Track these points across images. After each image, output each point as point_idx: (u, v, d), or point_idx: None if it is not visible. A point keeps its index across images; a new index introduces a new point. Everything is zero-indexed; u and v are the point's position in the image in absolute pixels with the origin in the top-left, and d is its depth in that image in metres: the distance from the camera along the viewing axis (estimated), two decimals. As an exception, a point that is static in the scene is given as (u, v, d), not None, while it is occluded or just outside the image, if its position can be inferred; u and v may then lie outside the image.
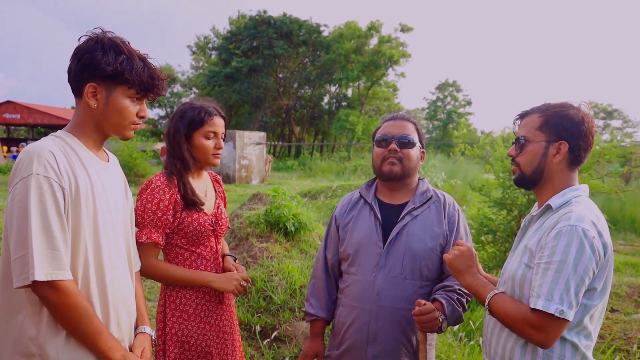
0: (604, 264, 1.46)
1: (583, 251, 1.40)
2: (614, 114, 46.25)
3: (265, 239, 4.99)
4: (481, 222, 5.04)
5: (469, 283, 1.66)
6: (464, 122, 44.49)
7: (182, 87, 46.16)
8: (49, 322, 1.36)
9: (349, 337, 1.98)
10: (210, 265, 2.06)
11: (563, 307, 1.37)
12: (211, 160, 2.04)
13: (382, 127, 2.08)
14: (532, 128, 1.62)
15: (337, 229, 2.14)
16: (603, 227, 1.49)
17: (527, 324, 1.42)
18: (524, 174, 1.66)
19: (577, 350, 1.49)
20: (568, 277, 1.39)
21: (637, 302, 4.82)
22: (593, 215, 1.49)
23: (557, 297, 1.38)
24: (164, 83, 1.55)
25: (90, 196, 1.44)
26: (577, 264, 1.39)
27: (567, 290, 1.38)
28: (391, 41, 33.41)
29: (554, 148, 1.58)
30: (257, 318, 3.82)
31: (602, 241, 1.45)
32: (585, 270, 1.40)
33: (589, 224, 1.44)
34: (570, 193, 1.58)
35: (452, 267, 1.71)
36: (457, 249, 1.72)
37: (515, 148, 1.68)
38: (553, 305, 1.37)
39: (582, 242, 1.40)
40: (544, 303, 1.39)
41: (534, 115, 1.63)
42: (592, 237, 1.41)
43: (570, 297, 1.38)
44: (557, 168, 1.60)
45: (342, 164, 25.03)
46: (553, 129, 1.58)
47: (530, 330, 1.42)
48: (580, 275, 1.39)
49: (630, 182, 11.75)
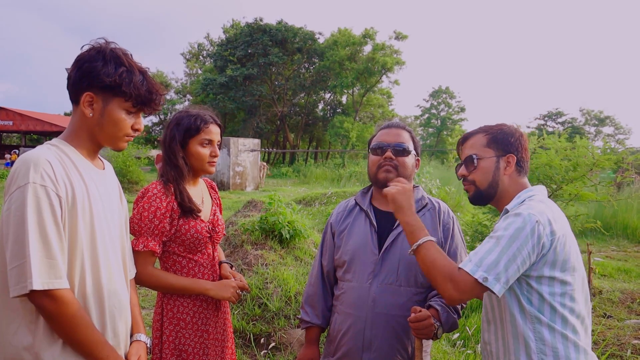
0: (550, 251, 1.50)
1: (522, 231, 1.47)
2: (605, 120, 46.61)
3: (260, 246, 4.98)
4: (476, 228, 5.06)
5: (408, 220, 1.68)
6: (457, 128, 44.70)
7: (176, 94, 46.15)
8: (45, 331, 1.36)
9: (345, 344, 1.98)
10: (207, 272, 2.06)
11: (488, 276, 1.44)
12: (207, 168, 2.04)
13: (377, 135, 2.09)
14: (481, 146, 1.73)
15: (333, 236, 2.15)
16: (556, 218, 1.55)
17: (449, 278, 1.50)
18: (480, 190, 1.73)
19: (567, 339, 1.52)
20: (501, 250, 1.47)
21: (630, 308, 4.84)
22: (545, 207, 1.56)
23: (485, 265, 1.46)
24: (161, 98, 1.56)
25: (86, 204, 1.44)
26: (513, 242, 1.47)
27: (496, 262, 1.46)
28: (385, 49, 33.60)
29: (503, 161, 1.70)
30: (252, 325, 3.81)
31: (551, 229, 1.50)
32: (519, 249, 1.46)
33: (537, 211, 1.51)
34: (524, 194, 1.67)
35: (394, 201, 1.72)
36: (400, 185, 1.76)
37: (466, 167, 1.76)
38: (480, 272, 1.46)
39: (523, 222, 1.48)
40: (472, 267, 1.47)
41: (479, 135, 1.76)
42: (535, 220, 1.48)
43: (499, 269, 1.45)
44: (509, 179, 1.70)
45: (337, 171, 25.08)
46: (500, 144, 1.71)
47: (449, 285, 1.49)
48: (513, 252, 1.46)
49: (622, 189, 11.84)
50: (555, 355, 1.52)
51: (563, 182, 4.45)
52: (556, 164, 4.51)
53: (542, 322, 1.53)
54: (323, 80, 36.49)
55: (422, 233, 1.64)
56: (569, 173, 4.36)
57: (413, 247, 1.62)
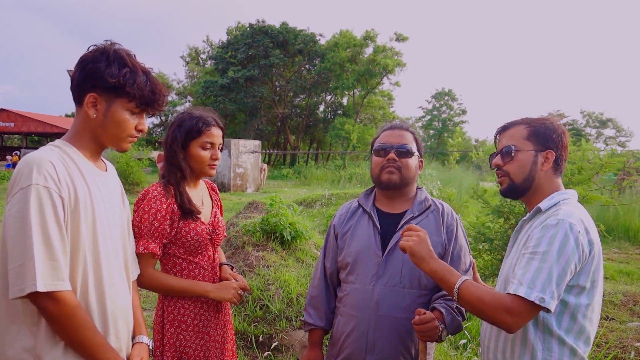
0: (589, 260, 1.48)
1: (567, 243, 1.43)
2: (607, 123, 46.57)
3: (261, 247, 4.97)
4: (478, 230, 5.05)
5: (434, 268, 1.60)
6: (459, 130, 44.71)
7: (177, 96, 46.22)
8: (46, 333, 1.35)
9: (348, 346, 1.97)
10: (208, 274, 2.05)
11: (544, 296, 1.39)
12: (207, 170, 2.04)
13: (380, 136, 2.09)
14: (520, 138, 1.68)
15: (336, 237, 2.14)
16: (590, 226, 1.53)
17: (502, 308, 1.42)
18: (514, 183, 1.69)
19: (575, 355, 1.51)
20: (551, 267, 1.41)
21: (632, 310, 4.83)
22: (581, 214, 1.53)
23: (539, 285, 1.40)
24: (165, 99, 1.56)
25: (89, 206, 1.43)
26: (560, 255, 1.42)
27: (549, 280, 1.40)
28: (386, 50, 33.61)
29: (542, 157, 1.65)
30: (253, 327, 3.80)
31: (589, 238, 1.48)
32: (568, 262, 1.42)
33: (576, 219, 1.47)
34: (558, 196, 1.63)
35: (414, 255, 1.63)
36: (415, 234, 1.67)
37: (501, 157, 1.72)
38: (535, 293, 1.39)
39: (567, 235, 1.44)
40: (525, 290, 1.40)
41: (520, 126, 1.70)
42: (577, 231, 1.45)
43: (552, 287, 1.40)
44: (545, 176, 1.66)
45: (337, 173, 25.07)
46: (541, 139, 1.65)
47: (504, 314, 1.42)
48: (562, 266, 1.42)
49: (624, 191, 11.82)
50: None
51: (569, 185, 4.43)
52: None
53: (553, 333, 1.51)
54: (324, 81, 36.53)
55: (454, 276, 1.56)
56: (574, 176, 4.34)
57: (454, 296, 1.54)
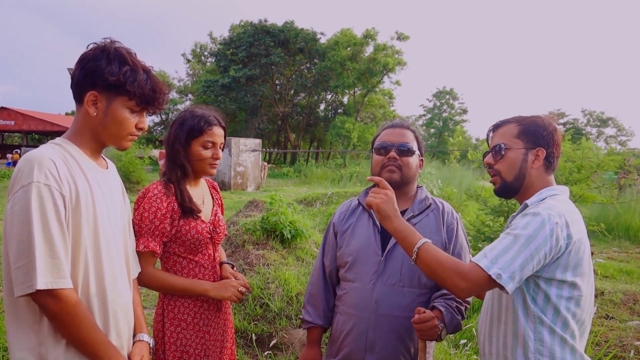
0: (565, 254, 1.49)
1: (541, 230, 1.45)
2: (608, 122, 46.55)
3: (261, 246, 4.98)
4: (478, 229, 5.06)
5: (397, 227, 1.61)
6: (459, 129, 44.68)
7: (178, 94, 46.20)
8: (48, 331, 1.35)
9: (347, 345, 1.97)
10: (208, 273, 2.05)
11: (502, 273, 1.42)
12: (207, 170, 2.03)
13: (381, 134, 2.08)
14: (511, 136, 1.70)
15: (335, 235, 2.14)
16: (573, 221, 1.53)
17: (457, 272, 1.47)
18: (505, 181, 1.71)
19: (565, 343, 1.52)
20: (518, 250, 1.45)
21: (632, 309, 4.83)
22: (565, 208, 1.54)
23: (501, 263, 1.44)
24: (165, 97, 1.56)
25: (90, 204, 1.43)
26: (531, 242, 1.45)
27: (512, 260, 1.44)
28: (387, 49, 33.58)
29: (532, 154, 1.66)
30: (253, 326, 3.81)
31: (568, 232, 1.49)
32: (537, 249, 1.44)
33: (556, 212, 1.49)
34: (546, 192, 1.65)
35: (380, 212, 1.65)
36: (383, 192, 1.69)
37: (493, 156, 1.74)
38: (494, 268, 1.43)
39: (542, 223, 1.46)
40: (487, 264, 1.45)
41: (511, 124, 1.72)
42: (554, 222, 1.46)
43: (514, 267, 1.43)
44: (536, 173, 1.67)
45: (338, 171, 25.06)
46: (531, 136, 1.67)
47: (458, 278, 1.46)
48: (530, 251, 1.44)
49: (624, 190, 11.82)
50: (552, 356, 1.52)
51: (567, 183, 4.43)
52: (560, 166, 4.49)
53: (544, 323, 1.53)
54: (324, 80, 36.50)
55: (415, 237, 1.59)
56: (572, 175, 4.34)
57: (413, 255, 1.57)
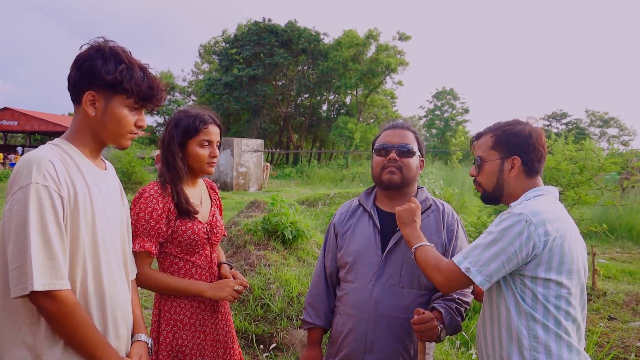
0: (545, 252, 1.51)
1: (509, 230, 1.51)
2: (610, 122, 46.45)
3: (262, 246, 4.98)
4: (480, 230, 5.05)
5: (407, 232, 1.81)
6: (461, 129, 44.62)
7: (182, 94, 46.25)
8: (46, 332, 1.35)
9: (347, 346, 1.97)
10: (205, 274, 2.04)
11: (471, 267, 1.54)
12: (206, 168, 2.03)
13: (381, 135, 2.08)
14: (487, 148, 1.75)
15: (336, 236, 2.14)
16: (555, 219, 1.54)
17: (436, 268, 1.63)
18: (486, 192, 1.78)
19: (561, 339, 1.53)
20: (486, 245, 1.54)
21: (635, 310, 4.81)
22: (544, 207, 1.56)
23: (471, 257, 1.56)
24: (163, 93, 1.55)
25: (88, 205, 1.43)
26: (499, 239, 1.52)
27: (481, 254, 1.54)
28: (389, 49, 33.58)
29: (508, 164, 1.70)
30: (254, 326, 3.81)
31: (544, 229, 1.50)
32: (504, 247, 1.51)
33: (531, 211, 1.52)
34: (531, 193, 1.68)
35: (399, 218, 1.85)
36: (408, 205, 1.87)
37: (474, 169, 1.80)
38: (464, 263, 1.56)
39: (512, 222, 1.52)
40: (459, 259, 1.58)
41: (487, 136, 1.77)
42: (524, 220, 1.50)
43: (481, 262, 1.53)
44: (514, 181, 1.72)
45: (340, 172, 25.06)
46: (504, 146, 1.71)
47: (435, 273, 1.63)
48: (499, 247, 1.51)
49: (627, 190, 11.77)
50: (547, 352, 1.52)
51: (569, 185, 4.41)
52: (563, 167, 4.45)
53: (536, 319, 1.54)
54: (327, 81, 36.52)
55: (417, 240, 1.76)
56: (574, 176, 4.32)
57: (412, 257, 1.75)
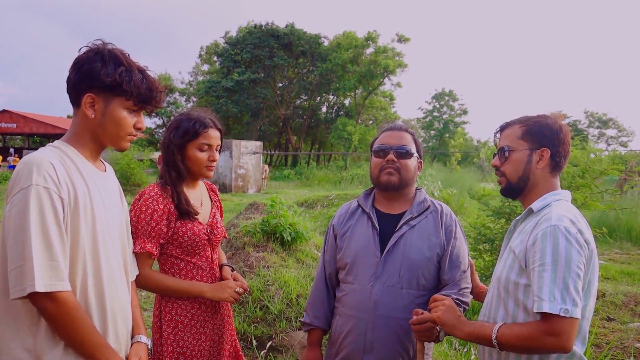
0: (588, 260, 1.49)
1: (571, 247, 1.43)
2: (609, 123, 46.53)
3: (261, 248, 4.98)
4: (479, 231, 5.05)
5: (468, 332, 1.58)
6: (460, 131, 44.66)
7: (181, 96, 46.25)
8: (46, 333, 1.36)
9: (346, 347, 1.97)
10: (206, 275, 2.05)
11: (567, 306, 1.37)
12: (204, 172, 2.04)
13: (380, 137, 2.09)
14: (515, 138, 1.70)
15: (335, 238, 2.14)
16: (583, 227, 1.53)
17: (544, 333, 1.39)
18: (510, 183, 1.72)
19: (574, 355, 1.49)
20: (564, 275, 1.40)
21: (634, 310, 4.82)
22: (572, 215, 1.54)
23: (558, 297, 1.38)
24: (162, 95, 1.56)
25: (88, 207, 1.44)
26: (570, 261, 1.42)
27: (566, 288, 1.39)
28: (387, 51, 33.65)
29: (537, 155, 1.66)
30: (253, 328, 3.81)
31: (584, 238, 1.49)
32: (578, 265, 1.43)
33: (568, 222, 1.49)
34: (550, 197, 1.64)
35: (444, 324, 1.63)
36: (441, 304, 1.66)
37: (499, 158, 1.75)
38: (557, 305, 1.37)
39: (568, 239, 1.44)
40: (549, 305, 1.38)
41: (515, 126, 1.72)
42: (575, 232, 1.46)
43: (572, 294, 1.38)
44: (540, 174, 1.67)
45: (339, 174, 25.07)
46: (535, 137, 1.66)
47: (550, 338, 1.38)
48: (575, 271, 1.42)
49: (626, 193, 11.78)
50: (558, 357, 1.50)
51: (570, 188, 4.40)
52: (563, 170, 4.40)
53: None
54: (326, 83, 36.58)
55: (487, 330, 1.53)
56: (575, 179, 4.30)
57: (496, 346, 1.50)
